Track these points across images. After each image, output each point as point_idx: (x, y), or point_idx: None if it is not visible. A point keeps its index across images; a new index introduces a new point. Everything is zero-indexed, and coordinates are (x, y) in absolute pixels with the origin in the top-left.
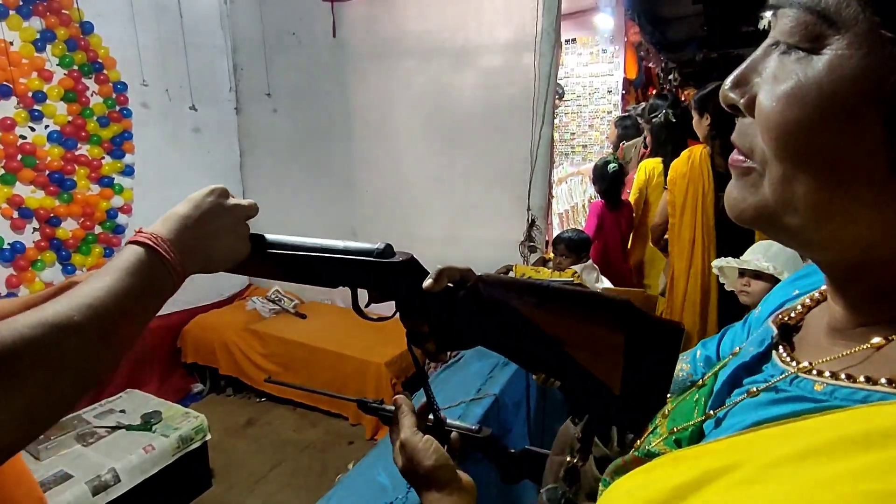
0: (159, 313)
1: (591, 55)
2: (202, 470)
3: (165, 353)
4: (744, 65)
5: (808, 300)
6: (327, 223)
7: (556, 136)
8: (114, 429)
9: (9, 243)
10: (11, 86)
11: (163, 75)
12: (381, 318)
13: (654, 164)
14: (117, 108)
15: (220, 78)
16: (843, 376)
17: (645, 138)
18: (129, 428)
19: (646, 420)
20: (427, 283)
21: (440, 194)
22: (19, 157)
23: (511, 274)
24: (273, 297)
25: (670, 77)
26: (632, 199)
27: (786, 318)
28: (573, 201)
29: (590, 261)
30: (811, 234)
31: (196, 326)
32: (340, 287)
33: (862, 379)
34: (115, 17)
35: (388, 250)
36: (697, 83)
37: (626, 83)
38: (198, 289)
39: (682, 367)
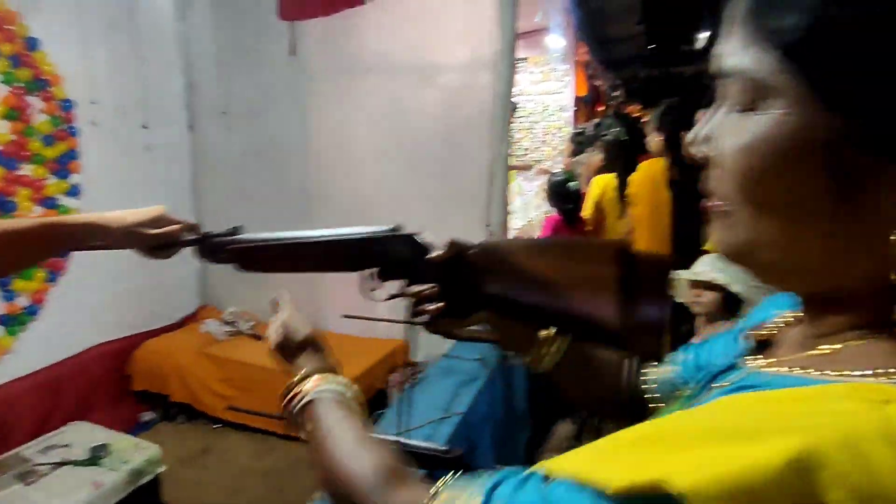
0: (105, 339)
1: (543, 74)
2: None
3: (112, 381)
4: (705, 125)
5: (782, 319)
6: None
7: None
8: (58, 465)
9: None
10: None
11: (113, 93)
12: (390, 297)
13: (608, 179)
14: (64, 125)
15: (174, 95)
16: (796, 369)
17: (596, 154)
18: (75, 464)
19: (653, 342)
20: (435, 253)
21: (401, 212)
22: None
23: None
24: (228, 318)
25: (616, 94)
26: (586, 214)
27: (761, 333)
28: (528, 216)
29: None
30: (782, 266)
31: (146, 352)
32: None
33: (815, 372)
34: (63, 33)
35: (397, 230)
36: (642, 99)
37: (577, 100)
38: (146, 312)
39: (672, 368)
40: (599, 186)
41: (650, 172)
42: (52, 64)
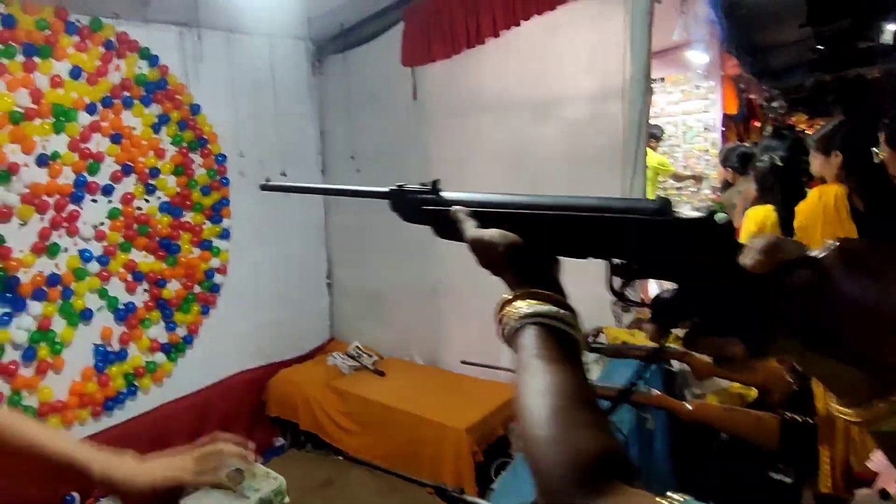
0: (246, 367)
1: (683, 93)
2: None
3: (251, 406)
4: None
5: None
6: (408, 279)
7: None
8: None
9: (123, 304)
10: (133, 164)
11: (257, 145)
12: (642, 304)
13: (766, 212)
14: (218, 177)
15: (309, 143)
16: None
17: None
18: (213, 486)
19: None
20: (752, 259)
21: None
22: (135, 226)
23: (602, 337)
24: (353, 352)
25: (775, 105)
26: None
27: None
28: None
29: None
30: None
31: (280, 380)
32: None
33: None
34: (218, 97)
35: (665, 208)
36: (808, 109)
37: (726, 119)
38: (282, 343)
39: None
40: (755, 220)
41: (823, 201)
42: (210, 125)
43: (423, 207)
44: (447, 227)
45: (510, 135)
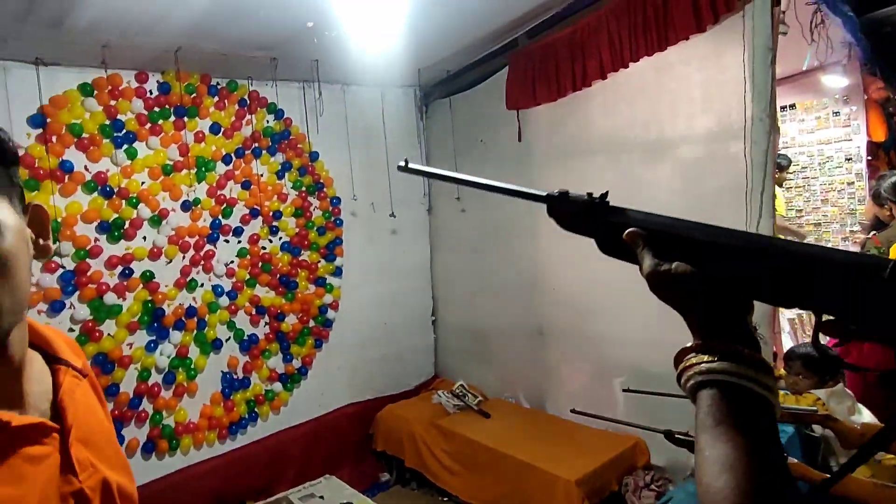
0: (354, 400)
1: (818, 120)
2: None
3: (358, 440)
4: None
5: None
6: (512, 319)
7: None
8: None
9: (248, 335)
10: (259, 208)
11: (369, 188)
12: (862, 369)
13: None
14: (332, 218)
15: (416, 185)
16: None
17: None
18: None
19: None
20: None
21: (635, 293)
22: (260, 264)
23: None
24: (457, 391)
25: None
26: None
27: None
28: None
29: (840, 385)
30: None
31: (386, 415)
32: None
33: None
34: (334, 144)
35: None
36: None
37: (872, 147)
38: (388, 378)
39: None
40: None
41: None
42: (327, 170)
43: (589, 219)
44: (616, 245)
45: (621, 176)
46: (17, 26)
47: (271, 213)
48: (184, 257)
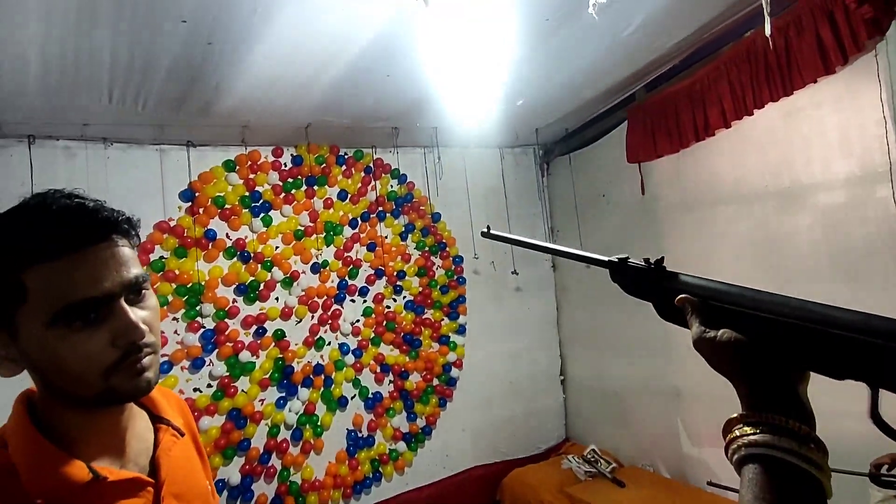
0: (481, 462)
1: None
2: None
3: (486, 503)
4: None
5: None
6: (647, 380)
7: None
8: None
9: (372, 393)
10: (384, 268)
11: (490, 246)
12: None
13: None
14: (455, 277)
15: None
16: None
17: None
18: None
19: None
20: None
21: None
22: (384, 323)
23: None
24: (589, 457)
25: None
26: None
27: None
28: None
29: None
30: None
31: (514, 480)
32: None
33: None
34: (455, 205)
35: None
36: None
37: None
38: (516, 441)
39: None
40: None
41: None
42: (449, 230)
43: (647, 284)
44: (672, 311)
45: (753, 227)
46: (173, 115)
47: (395, 274)
48: (312, 317)
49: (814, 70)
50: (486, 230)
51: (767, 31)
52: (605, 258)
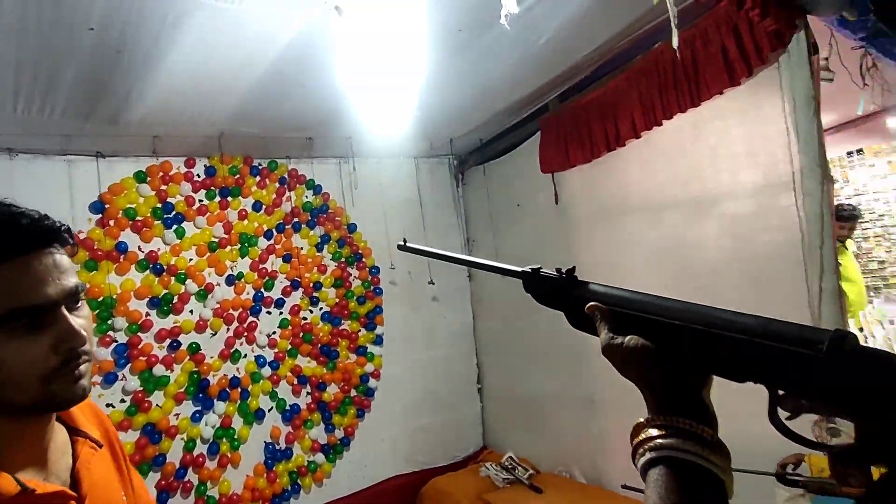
0: (399, 472)
1: (890, 164)
2: None
3: None
4: None
5: None
6: (562, 388)
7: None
8: None
9: (290, 405)
10: (300, 280)
11: (407, 257)
12: (818, 445)
13: None
14: (372, 288)
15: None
16: None
17: None
18: None
19: None
20: None
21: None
22: (301, 334)
23: (802, 468)
24: (507, 464)
25: None
26: None
27: None
28: None
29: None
30: None
31: (432, 489)
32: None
33: None
34: (371, 215)
35: (839, 342)
36: None
37: None
38: (434, 450)
39: None
40: None
41: None
42: (365, 241)
43: (558, 294)
44: (582, 319)
45: (664, 235)
46: (81, 125)
47: (311, 285)
48: (228, 329)
49: (720, 82)
50: (402, 243)
51: (675, 44)
52: (518, 269)
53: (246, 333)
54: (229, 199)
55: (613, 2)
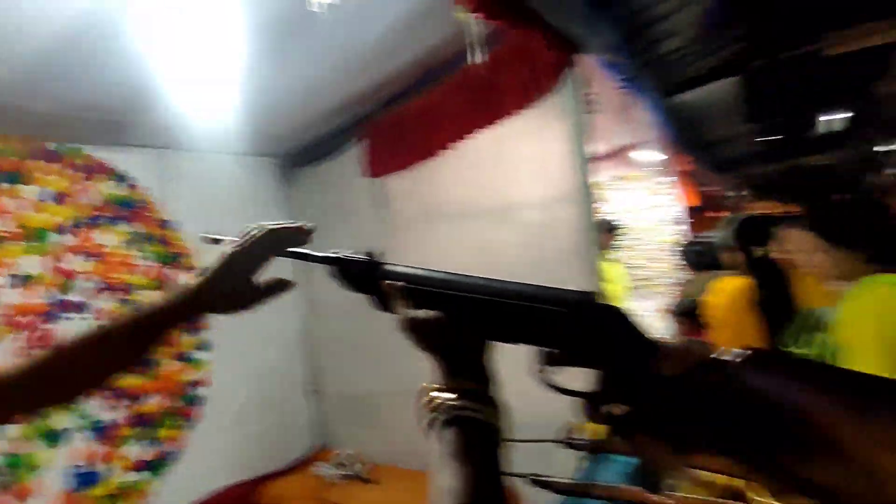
0: (234, 481)
1: (646, 189)
2: None
3: None
4: None
5: None
6: (395, 383)
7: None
8: None
9: (102, 422)
10: (108, 281)
11: None
12: (572, 392)
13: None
14: None
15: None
16: None
17: None
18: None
19: None
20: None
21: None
22: None
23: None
24: (342, 460)
25: (740, 193)
26: None
27: None
28: None
29: None
30: None
31: (268, 495)
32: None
33: None
34: (191, 214)
35: (585, 300)
36: (778, 195)
37: (691, 211)
38: (268, 455)
39: None
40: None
41: (727, 293)
42: (184, 240)
43: (362, 277)
44: (385, 301)
45: (474, 241)
46: None
47: (122, 287)
48: (17, 338)
49: (516, 103)
50: (206, 234)
51: (477, 61)
52: (322, 254)
53: (42, 342)
54: (9, 185)
55: (429, 17)
